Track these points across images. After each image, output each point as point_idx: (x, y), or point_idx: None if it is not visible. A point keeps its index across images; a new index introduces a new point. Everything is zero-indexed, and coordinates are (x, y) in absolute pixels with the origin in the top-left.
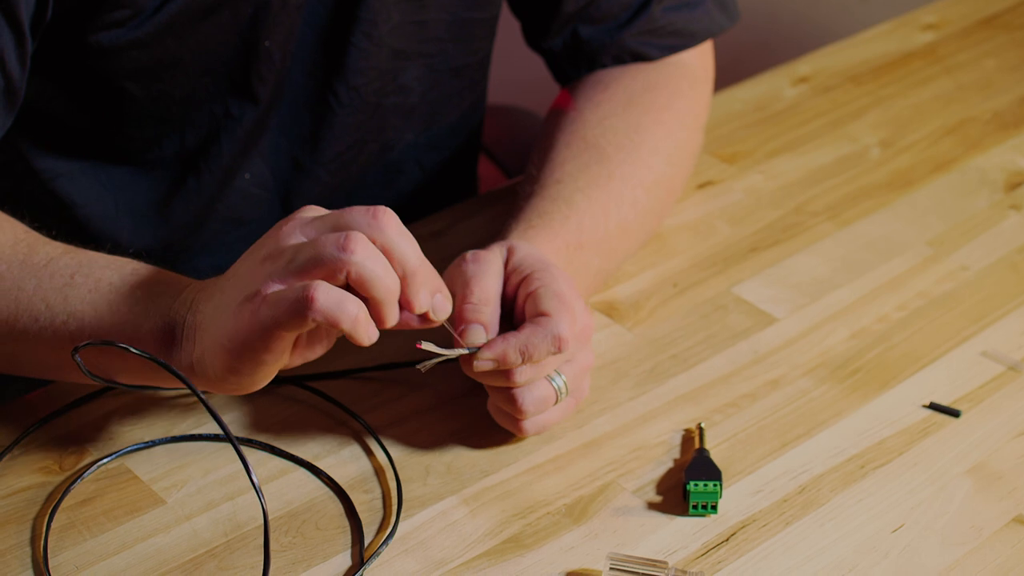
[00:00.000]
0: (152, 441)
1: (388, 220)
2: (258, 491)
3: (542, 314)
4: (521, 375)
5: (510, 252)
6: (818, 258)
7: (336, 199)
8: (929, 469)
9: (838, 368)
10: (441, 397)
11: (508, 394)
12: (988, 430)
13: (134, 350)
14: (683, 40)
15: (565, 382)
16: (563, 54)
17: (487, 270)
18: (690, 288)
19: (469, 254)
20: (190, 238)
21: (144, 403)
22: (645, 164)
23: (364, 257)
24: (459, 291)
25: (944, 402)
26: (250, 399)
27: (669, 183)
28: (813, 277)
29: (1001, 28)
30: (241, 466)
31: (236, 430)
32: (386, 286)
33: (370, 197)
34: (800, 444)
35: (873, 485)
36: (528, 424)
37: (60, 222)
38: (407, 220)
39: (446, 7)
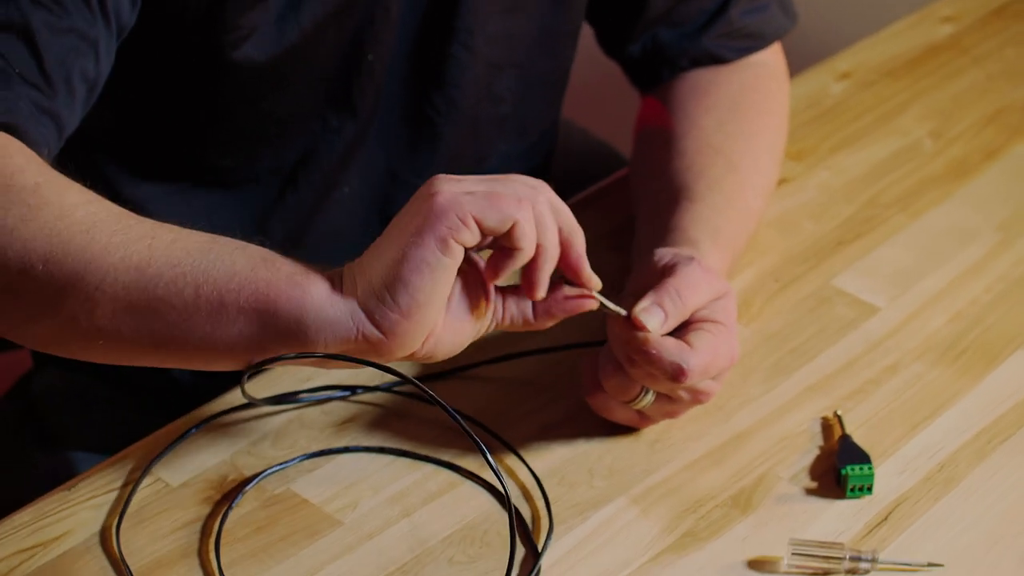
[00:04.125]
0: (323, 451)
1: (547, 188)
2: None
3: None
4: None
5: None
6: (900, 249)
7: None
8: None
9: (946, 351)
10: (577, 403)
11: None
12: None
13: (340, 357)
14: (756, 42)
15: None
16: (642, 59)
17: (704, 288)
18: (791, 283)
19: (697, 258)
20: (288, 255)
21: (279, 422)
22: (764, 170)
23: (531, 233)
24: (671, 285)
25: None
26: (400, 416)
27: (774, 184)
28: (900, 267)
29: (1014, 18)
30: (410, 481)
31: (387, 443)
32: (552, 242)
33: None
34: (929, 424)
35: (1003, 458)
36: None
37: None
38: None
39: (535, 18)
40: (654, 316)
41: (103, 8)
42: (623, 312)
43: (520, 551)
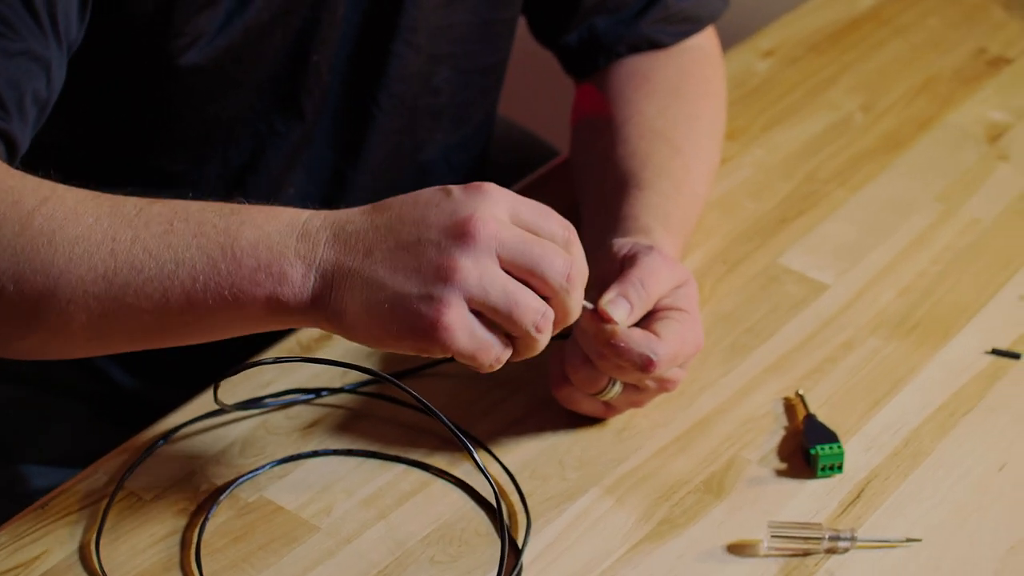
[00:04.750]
0: (292, 456)
1: (577, 253)
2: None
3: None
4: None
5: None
6: (843, 223)
7: None
8: (1010, 409)
9: (898, 325)
10: (545, 393)
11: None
12: None
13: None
14: (692, 26)
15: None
16: (579, 48)
17: (667, 277)
18: (738, 264)
19: (655, 247)
20: None
21: (245, 429)
22: (707, 154)
23: (547, 338)
24: (635, 276)
25: (1000, 345)
26: (365, 416)
27: (717, 167)
28: (844, 241)
29: None
30: (383, 482)
31: (355, 445)
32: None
33: None
34: (890, 400)
35: (966, 431)
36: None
37: None
38: None
39: (472, 9)
40: (620, 308)
41: (55, 28)
42: (590, 306)
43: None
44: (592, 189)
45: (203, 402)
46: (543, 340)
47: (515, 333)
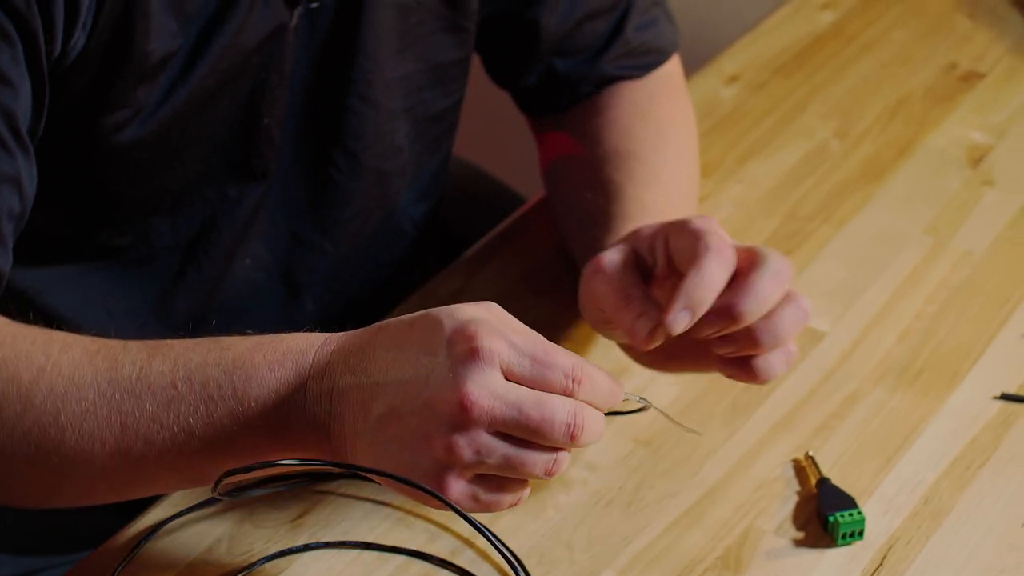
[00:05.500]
0: (283, 551)
1: (587, 391)
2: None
3: (747, 259)
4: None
5: (635, 238)
6: (832, 262)
7: (342, 271)
8: None
9: (902, 373)
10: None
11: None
12: None
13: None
14: (657, 57)
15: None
16: (539, 89)
17: (618, 273)
18: None
19: (589, 266)
20: (194, 335)
21: (231, 523)
22: (677, 162)
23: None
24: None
25: (1008, 389)
26: (355, 503)
27: (696, 184)
28: (836, 282)
29: None
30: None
31: (349, 536)
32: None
33: (374, 266)
34: (903, 456)
35: (985, 484)
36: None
37: None
38: (412, 286)
39: (422, 56)
40: (681, 323)
41: (18, 139)
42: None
43: None
44: (575, 214)
45: (178, 496)
46: (560, 473)
47: (528, 478)
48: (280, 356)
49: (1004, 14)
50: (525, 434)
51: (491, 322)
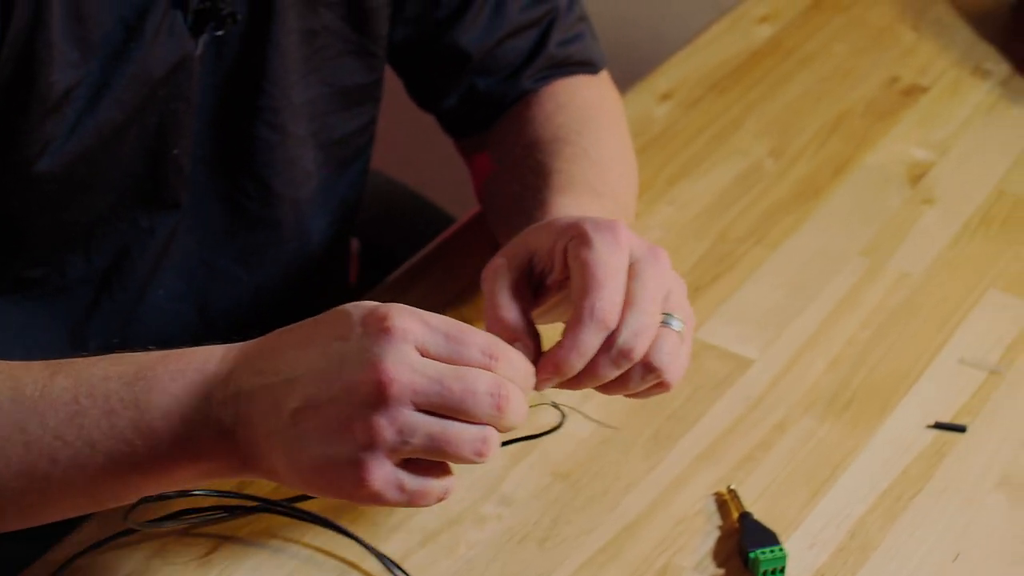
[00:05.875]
0: None
1: (507, 366)
2: None
3: (576, 300)
4: (638, 347)
5: (527, 240)
6: (763, 286)
7: (258, 299)
8: (960, 491)
9: (832, 401)
10: (449, 507)
11: (637, 368)
12: (998, 440)
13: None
14: (585, 68)
15: (681, 320)
16: (460, 109)
17: (496, 284)
18: None
19: (484, 271)
20: None
21: (139, 559)
22: (606, 142)
23: (494, 453)
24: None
25: (943, 418)
26: (268, 538)
27: (631, 167)
28: (768, 308)
29: (834, 9)
30: None
31: (259, 573)
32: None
33: (291, 294)
34: (830, 488)
35: (915, 517)
36: (674, 376)
37: None
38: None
39: (329, 80)
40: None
41: None
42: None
43: None
44: (503, 225)
45: (92, 528)
46: (490, 456)
47: (457, 463)
48: (183, 366)
49: (950, 24)
50: (449, 407)
51: (401, 306)
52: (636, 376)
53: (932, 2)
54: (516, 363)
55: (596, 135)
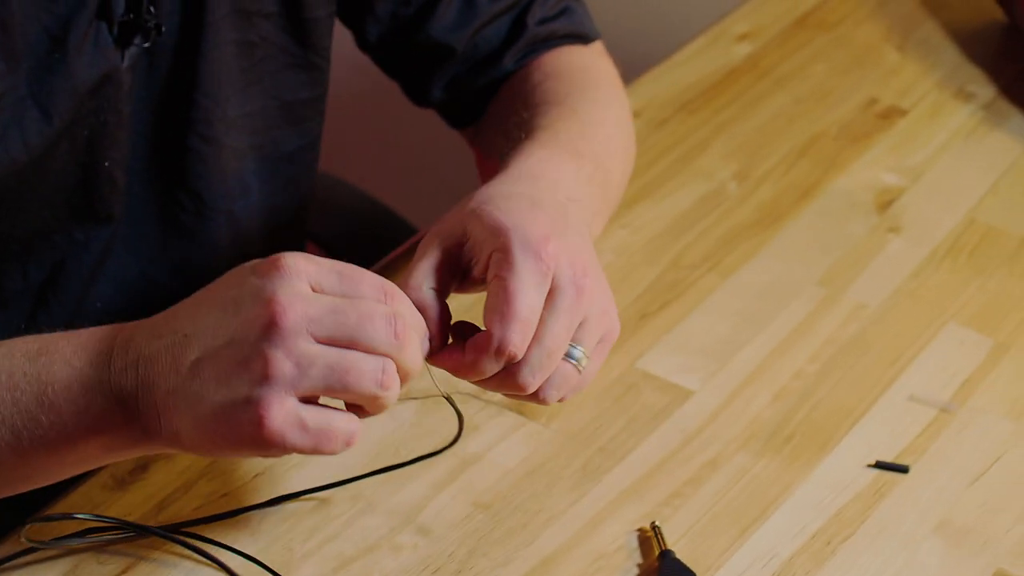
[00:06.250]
0: None
1: (402, 303)
2: None
3: (487, 323)
4: (535, 384)
5: (464, 222)
6: (713, 315)
7: None
8: (896, 534)
9: (771, 437)
10: (365, 535)
11: (531, 397)
12: (941, 482)
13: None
14: (573, 40)
15: (583, 351)
16: (449, 100)
17: (418, 261)
18: None
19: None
20: None
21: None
22: (598, 105)
23: (396, 391)
24: None
25: (886, 456)
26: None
27: (626, 135)
28: (715, 338)
29: (818, 28)
30: None
31: None
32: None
33: None
34: (759, 527)
35: (845, 561)
36: (555, 394)
37: None
38: None
39: (271, 92)
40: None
41: None
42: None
43: None
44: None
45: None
46: (393, 394)
47: (359, 402)
48: (84, 339)
49: (937, 45)
50: (346, 336)
51: (292, 252)
52: (521, 394)
53: (921, 22)
54: (410, 307)
55: (586, 96)
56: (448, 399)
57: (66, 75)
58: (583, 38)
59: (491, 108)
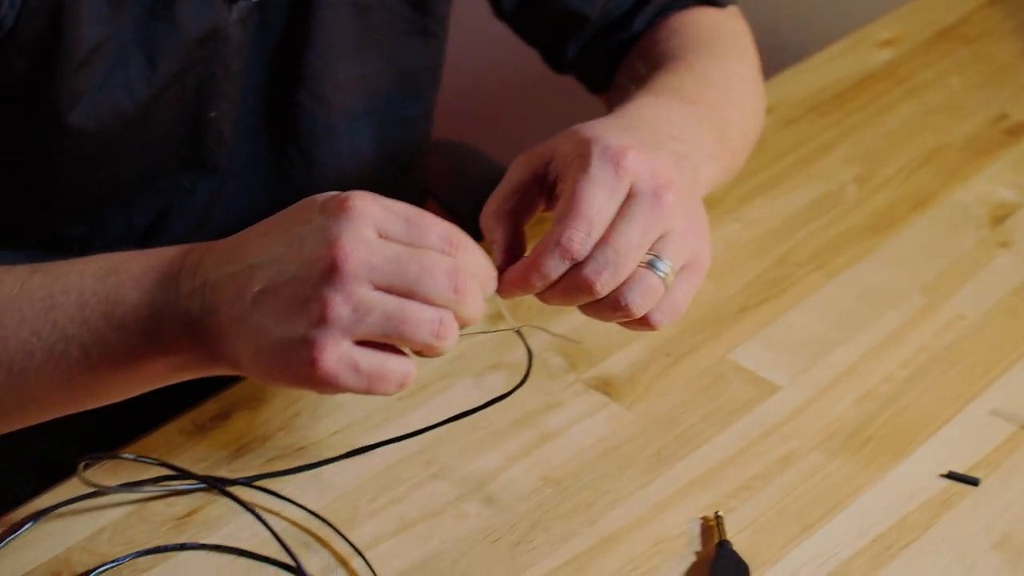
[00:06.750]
0: (157, 548)
1: (466, 254)
2: None
3: (554, 223)
4: (601, 286)
5: (554, 143)
6: (812, 314)
7: None
8: (956, 546)
9: (850, 438)
10: (432, 501)
11: (606, 301)
12: (1009, 498)
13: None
14: (707, 4)
15: (670, 265)
16: (583, 66)
17: (504, 183)
18: (685, 356)
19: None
20: None
21: (120, 514)
22: (722, 56)
23: (453, 341)
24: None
25: (960, 468)
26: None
27: (751, 91)
28: (810, 336)
29: (960, 40)
30: None
31: (230, 540)
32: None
33: None
34: (822, 527)
35: (902, 568)
36: (658, 317)
37: None
38: None
39: (388, 57)
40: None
41: None
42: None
43: None
44: None
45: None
46: (449, 344)
47: (414, 349)
48: (154, 260)
49: None
50: (406, 287)
51: (363, 192)
52: (606, 308)
53: None
54: (476, 256)
55: (706, 52)
56: (519, 333)
57: (172, 24)
58: (715, 2)
59: (619, 69)
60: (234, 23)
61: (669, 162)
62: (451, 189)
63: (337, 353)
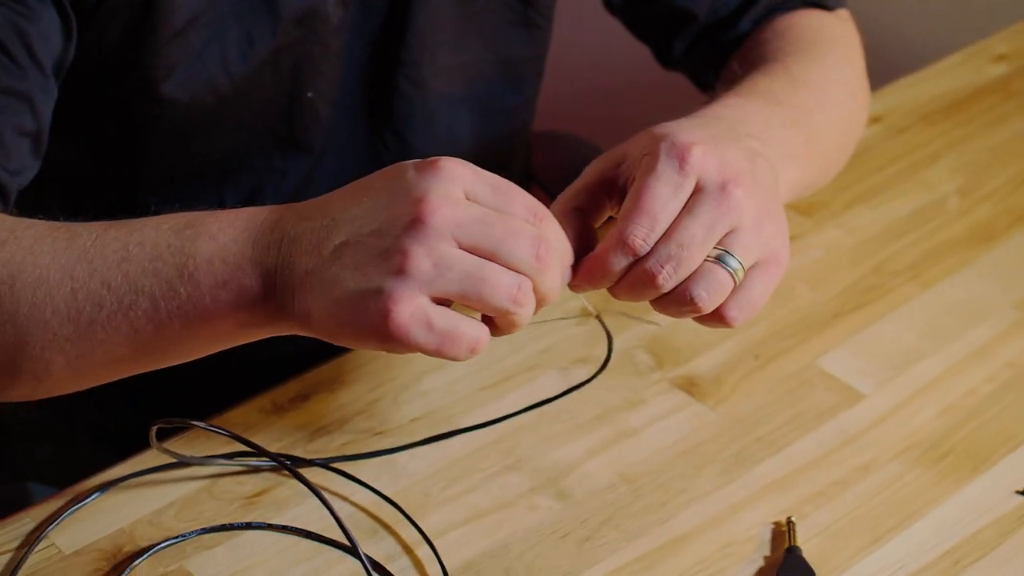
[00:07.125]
0: (224, 526)
1: (549, 227)
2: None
3: (619, 220)
4: (663, 279)
5: (628, 144)
6: (903, 324)
7: None
8: None
9: (929, 450)
10: (505, 491)
11: (673, 296)
12: None
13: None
14: (812, 5)
15: (739, 260)
16: (691, 64)
17: (577, 181)
18: (773, 360)
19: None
20: None
21: (189, 490)
22: (822, 60)
23: (530, 310)
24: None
25: None
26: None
27: (851, 94)
28: (899, 346)
29: None
30: (310, 568)
31: (297, 522)
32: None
33: None
34: (893, 538)
35: None
36: (733, 313)
37: None
38: None
39: (490, 46)
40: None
41: (33, 57)
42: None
43: None
44: None
45: (156, 453)
46: (526, 313)
47: (491, 313)
48: (232, 217)
49: None
50: (489, 248)
51: (454, 158)
52: (674, 303)
53: None
54: (559, 233)
55: (807, 54)
56: (598, 318)
57: (270, 1)
58: (824, 5)
59: (725, 70)
60: (334, 3)
61: (740, 157)
62: (562, 181)
63: (412, 306)
